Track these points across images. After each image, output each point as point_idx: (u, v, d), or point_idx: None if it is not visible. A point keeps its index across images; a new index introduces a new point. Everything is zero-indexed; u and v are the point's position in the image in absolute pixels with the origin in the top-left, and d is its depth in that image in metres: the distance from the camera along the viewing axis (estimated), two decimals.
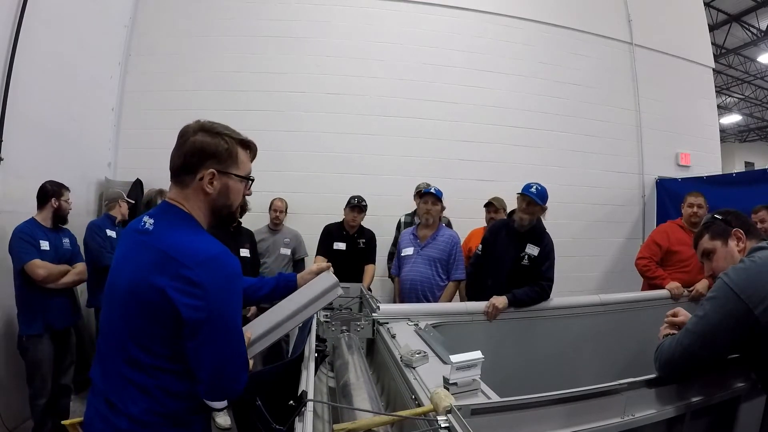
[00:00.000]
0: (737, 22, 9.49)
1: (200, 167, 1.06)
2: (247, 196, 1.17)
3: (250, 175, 1.15)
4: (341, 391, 1.42)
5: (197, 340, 0.96)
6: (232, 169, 1.09)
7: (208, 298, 0.96)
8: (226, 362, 1.00)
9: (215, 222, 1.12)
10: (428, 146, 4.45)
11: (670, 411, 1.26)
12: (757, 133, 17.31)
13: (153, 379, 0.99)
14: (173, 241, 1.00)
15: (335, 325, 2.04)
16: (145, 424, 0.98)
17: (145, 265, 1.00)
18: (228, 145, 1.09)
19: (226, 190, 1.09)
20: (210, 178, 1.06)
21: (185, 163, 1.06)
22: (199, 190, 1.07)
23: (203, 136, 1.07)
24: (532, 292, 2.44)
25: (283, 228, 3.87)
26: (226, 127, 1.12)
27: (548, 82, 4.79)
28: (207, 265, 0.97)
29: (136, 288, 0.99)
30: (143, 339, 0.99)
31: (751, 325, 1.16)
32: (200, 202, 1.08)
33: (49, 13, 3.10)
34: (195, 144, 1.06)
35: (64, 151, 3.33)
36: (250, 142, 1.16)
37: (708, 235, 1.44)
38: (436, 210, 2.93)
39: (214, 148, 1.07)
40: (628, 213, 5.02)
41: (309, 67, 4.35)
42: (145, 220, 1.07)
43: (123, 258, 1.08)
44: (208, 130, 1.09)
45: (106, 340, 1.07)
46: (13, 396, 2.75)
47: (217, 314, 0.97)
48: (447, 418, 1.00)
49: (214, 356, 0.98)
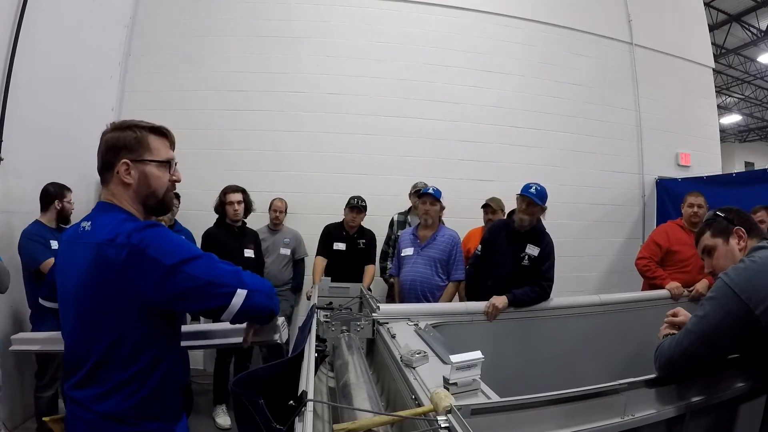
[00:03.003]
0: (737, 22, 9.49)
1: (115, 162, 1.10)
2: (177, 182, 1.20)
3: (173, 160, 1.18)
4: (341, 391, 1.42)
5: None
6: (145, 156, 1.12)
7: (158, 250, 1.00)
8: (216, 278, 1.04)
9: (148, 213, 1.15)
10: (428, 146, 4.44)
11: (670, 411, 1.26)
12: (757, 133, 17.30)
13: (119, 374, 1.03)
14: (110, 228, 1.04)
15: (335, 325, 2.04)
16: (116, 417, 1.02)
17: (85, 264, 1.04)
18: (137, 134, 1.12)
19: (145, 178, 1.12)
20: (125, 169, 1.10)
21: (103, 161, 1.12)
22: (119, 184, 1.11)
23: (113, 133, 1.12)
24: (532, 292, 2.44)
25: (283, 228, 3.87)
26: (137, 120, 1.16)
27: (548, 82, 4.78)
28: (142, 232, 1.02)
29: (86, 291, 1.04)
30: (103, 339, 1.03)
31: (752, 325, 1.16)
32: (126, 196, 1.11)
33: (49, 13, 3.10)
34: (107, 142, 1.11)
35: (64, 151, 3.33)
36: (164, 129, 1.19)
37: (709, 232, 1.43)
38: (435, 210, 2.92)
39: (123, 141, 1.11)
40: (628, 213, 5.01)
41: (309, 67, 4.35)
42: (83, 224, 1.11)
43: (64, 266, 1.13)
44: (117, 126, 1.14)
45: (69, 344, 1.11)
46: (13, 396, 2.75)
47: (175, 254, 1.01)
48: (447, 418, 1.00)
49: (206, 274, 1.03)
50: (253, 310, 1.08)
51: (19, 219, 2.74)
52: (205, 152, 4.16)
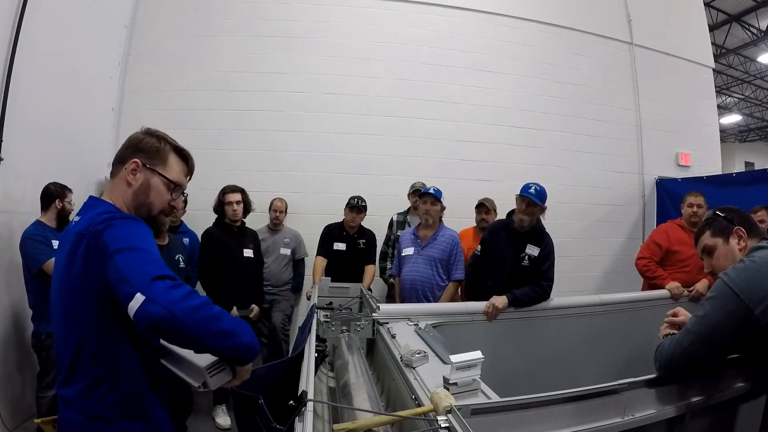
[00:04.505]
0: (737, 22, 9.49)
1: (128, 158, 1.11)
2: (175, 210, 1.20)
3: (182, 187, 1.17)
4: (341, 391, 1.43)
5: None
6: (158, 167, 1.12)
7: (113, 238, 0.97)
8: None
9: None
10: (428, 146, 4.45)
11: (670, 411, 1.26)
12: (757, 133, 17.30)
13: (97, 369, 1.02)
14: (88, 218, 1.04)
15: (335, 325, 2.04)
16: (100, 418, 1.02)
17: (64, 257, 1.05)
18: (160, 145, 1.13)
19: (147, 187, 1.12)
20: (133, 168, 1.10)
21: (119, 155, 1.13)
22: (123, 180, 1.11)
23: (142, 135, 1.13)
24: (533, 292, 2.44)
25: (283, 228, 3.87)
26: (169, 136, 1.17)
27: (548, 82, 4.79)
28: (108, 222, 1.00)
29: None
30: (76, 333, 1.03)
31: (751, 325, 1.16)
32: (122, 192, 1.12)
33: (49, 13, 3.10)
34: (131, 139, 1.13)
35: (64, 151, 3.33)
36: (187, 155, 1.18)
37: (709, 231, 1.43)
38: (435, 210, 2.92)
39: (145, 144, 1.12)
40: (628, 213, 5.01)
41: (309, 67, 4.35)
42: (74, 218, 1.12)
43: (56, 262, 1.14)
44: (147, 131, 1.15)
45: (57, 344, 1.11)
46: (13, 396, 2.76)
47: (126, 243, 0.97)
48: (447, 418, 1.00)
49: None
50: (145, 322, 0.88)
51: (20, 219, 2.74)
52: (206, 152, 4.15)
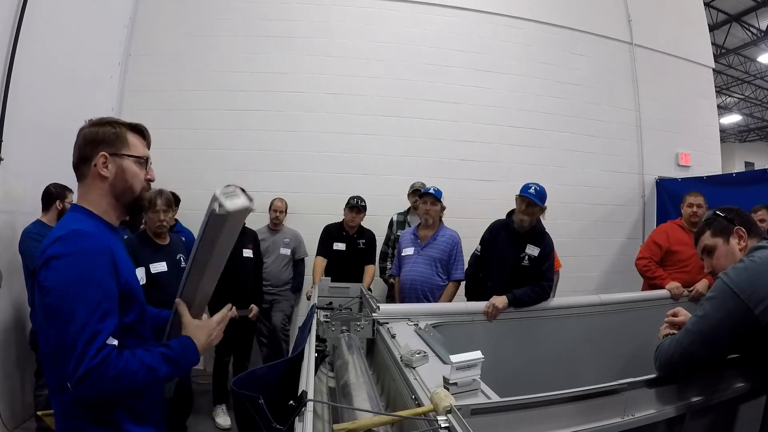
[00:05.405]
0: (737, 22, 9.49)
1: (93, 155, 1.11)
2: (152, 181, 1.20)
3: (148, 157, 1.18)
4: (341, 391, 1.43)
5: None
6: (123, 150, 1.13)
7: (57, 270, 0.97)
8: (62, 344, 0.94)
9: (124, 211, 1.16)
10: (428, 146, 4.44)
11: (670, 411, 1.26)
12: (757, 133, 17.29)
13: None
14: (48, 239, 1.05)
15: (335, 325, 2.04)
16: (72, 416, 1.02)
17: None
18: (116, 129, 1.13)
19: (122, 173, 1.12)
20: (103, 161, 1.10)
21: (79, 155, 1.12)
22: (96, 177, 1.11)
23: (91, 128, 1.13)
24: (533, 292, 2.44)
25: (283, 228, 3.87)
26: (115, 118, 1.18)
27: (548, 82, 4.78)
28: (63, 239, 1.00)
29: None
30: (41, 333, 1.05)
31: (751, 325, 1.16)
32: (101, 191, 1.12)
33: (49, 13, 3.10)
34: (85, 136, 1.12)
35: (64, 151, 3.29)
36: (141, 127, 1.20)
37: (709, 231, 1.43)
38: (435, 210, 2.92)
39: (103, 135, 1.12)
40: (628, 213, 5.01)
41: (309, 67, 4.34)
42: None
43: None
44: (96, 122, 1.15)
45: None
46: (13, 396, 2.76)
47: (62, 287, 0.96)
48: (447, 418, 1.00)
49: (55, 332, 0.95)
50: (87, 399, 0.97)
51: (20, 219, 2.75)
52: (206, 152, 4.16)
